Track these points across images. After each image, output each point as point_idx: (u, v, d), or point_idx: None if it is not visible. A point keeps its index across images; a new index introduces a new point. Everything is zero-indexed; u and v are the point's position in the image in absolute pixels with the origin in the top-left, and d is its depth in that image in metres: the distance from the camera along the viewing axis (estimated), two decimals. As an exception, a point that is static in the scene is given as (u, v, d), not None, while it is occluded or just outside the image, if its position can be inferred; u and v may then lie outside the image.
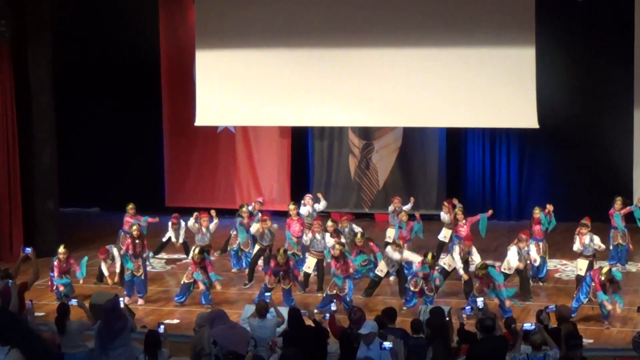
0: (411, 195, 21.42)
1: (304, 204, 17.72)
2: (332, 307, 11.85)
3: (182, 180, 22.84)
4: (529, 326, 10.14)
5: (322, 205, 18.10)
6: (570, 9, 19.86)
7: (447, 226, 17.10)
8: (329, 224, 16.35)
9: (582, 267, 15.21)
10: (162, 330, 10.56)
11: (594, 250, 15.39)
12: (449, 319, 11.89)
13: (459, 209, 16.77)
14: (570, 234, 16.17)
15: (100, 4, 21.79)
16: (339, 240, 15.63)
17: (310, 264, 15.99)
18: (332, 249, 15.04)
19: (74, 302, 11.70)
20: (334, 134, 22.22)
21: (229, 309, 12.98)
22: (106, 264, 16.55)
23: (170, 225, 17.86)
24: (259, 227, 16.48)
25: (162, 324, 10.95)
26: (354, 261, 15.22)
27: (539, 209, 16.50)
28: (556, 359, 9.88)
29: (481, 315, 11.64)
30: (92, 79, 22.80)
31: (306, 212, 17.37)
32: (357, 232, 16.20)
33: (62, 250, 15.49)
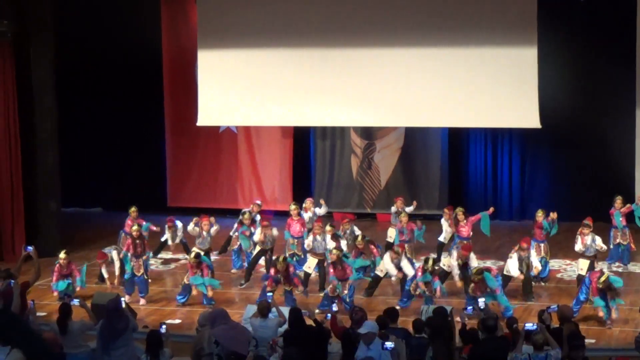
0: (413, 195, 21.47)
1: (305, 209, 17.61)
2: (334, 308, 11.84)
3: (184, 180, 22.83)
4: (530, 326, 10.12)
5: (322, 210, 18.03)
6: (572, 9, 19.86)
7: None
8: (327, 228, 16.37)
9: (583, 267, 15.21)
10: (163, 330, 10.56)
11: (595, 250, 15.38)
12: (450, 319, 11.89)
13: (459, 209, 16.79)
14: (572, 233, 16.16)
15: (102, 3, 21.79)
16: (338, 245, 15.66)
17: (311, 264, 15.98)
18: (330, 254, 15.07)
19: (75, 302, 11.68)
20: (336, 134, 22.21)
21: (230, 308, 12.96)
22: (105, 268, 16.58)
23: (166, 228, 17.85)
24: (261, 236, 16.41)
25: (164, 324, 10.95)
26: (354, 264, 15.32)
27: (542, 212, 16.37)
28: (558, 359, 9.87)
29: (483, 315, 11.64)
30: (94, 78, 22.79)
31: (307, 218, 17.32)
32: (357, 234, 16.47)
33: (63, 256, 15.37)
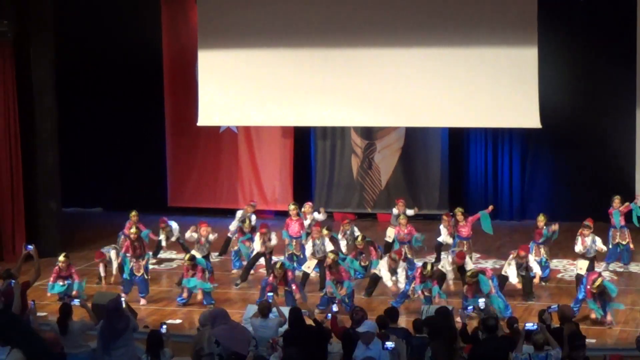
0: (413, 194, 21.53)
1: (304, 214, 17.51)
2: (334, 308, 11.83)
3: (184, 180, 22.82)
4: (531, 326, 10.13)
5: (322, 217, 17.85)
6: (572, 9, 19.85)
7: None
8: (324, 232, 16.37)
9: (582, 266, 15.20)
10: (164, 330, 10.57)
11: (595, 251, 15.38)
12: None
13: (458, 209, 16.81)
14: (572, 233, 16.15)
15: (102, 4, 21.78)
16: (335, 247, 15.63)
17: (310, 264, 15.97)
18: (327, 257, 15.07)
19: (76, 302, 11.69)
20: (337, 134, 22.19)
21: (230, 308, 12.97)
22: (103, 267, 16.56)
23: (160, 229, 17.85)
24: (262, 247, 16.32)
25: (165, 324, 10.97)
26: (351, 263, 15.47)
27: (543, 217, 16.18)
28: (558, 358, 9.87)
29: (483, 315, 11.63)
30: (94, 78, 22.78)
31: (306, 224, 17.28)
32: (357, 235, 16.58)
33: (62, 259, 15.31)
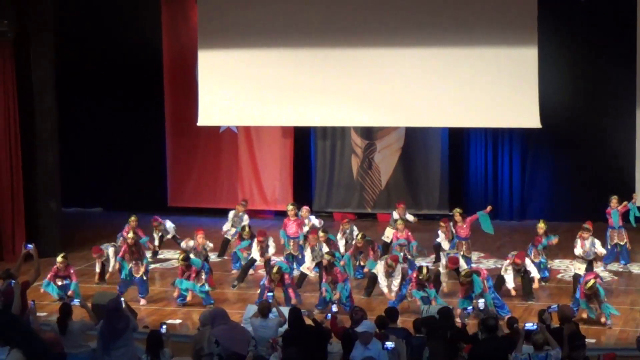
0: (414, 194, 21.58)
1: (301, 217, 17.49)
2: (334, 308, 11.82)
3: (184, 180, 22.81)
4: (530, 326, 10.12)
5: (318, 223, 17.73)
6: (572, 9, 19.84)
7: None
8: (321, 234, 16.40)
9: (581, 266, 15.20)
10: (164, 330, 10.57)
11: (594, 254, 15.38)
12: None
13: (456, 210, 16.83)
14: (572, 234, 16.14)
15: (102, 3, 21.78)
16: (331, 248, 15.63)
17: (310, 265, 15.94)
18: (322, 259, 15.07)
19: (76, 302, 11.69)
20: (337, 134, 22.19)
21: (229, 308, 12.98)
22: (99, 263, 16.58)
23: (153, 229, 17.87)
24: (260, 255, 16.23)
25: (165, 324, 10.96)
26: (348, 260, 15.65)
27: (543, 224, 16.07)
28: (558, 359, 9.87)
29: (482, 315, 11.63)
30: (94, 78, 22.78)
31: (305, 230, 17.26)
32: (357, 233, 16.67)
33: (60, 259, 15.35)
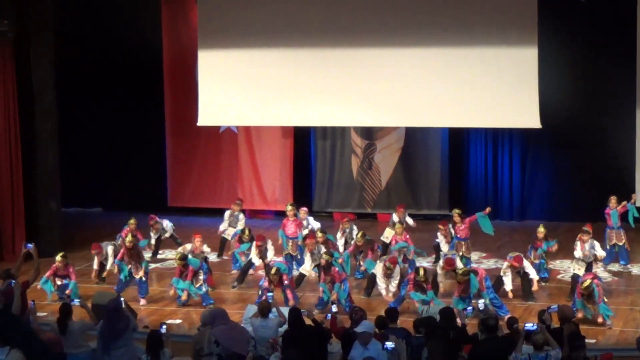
0: (414, 195, 21.61)
1: (301, 219, 17.50)
2: (333, 309, 11.82)
3: (184, 180, 22.81)
4: (530, 326, 10.12)
5: (315, 226, 17.69)
6: (572, 9, 19.82)
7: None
8: (319, 234, 16.44)
9: (580, 267, 15.20)
10: (164, 330, 10.57)
11: (594, 256, 15.37)
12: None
13: (455, 211, 16.84)
14: (572, 234, 16.14)
15: (102, 3, 21.77)
16: (328, 249, 15.65)
17: (308, 266, 15.95)
18: (321, 258, 15.08)
19: (76, 302, 11.69)
20: (337, 134, 22.19)
21: (229, 309, 12.99)
22: (98, 260, 16.58)
23: (150, 228, 17.91)
24: (260, 263, 16.12)
25: (164, 324, 10.97)
26: (347, 258, 15.80)
27: (543, 229, 16.01)
28: (558, 359, 9.87)
29: (482, 315, 11.63)
30: (94, 78, 22.78)
31: (304, 232, 17.28)
32: (357, 232, 16.73)
33: (59, 259, 15.39)
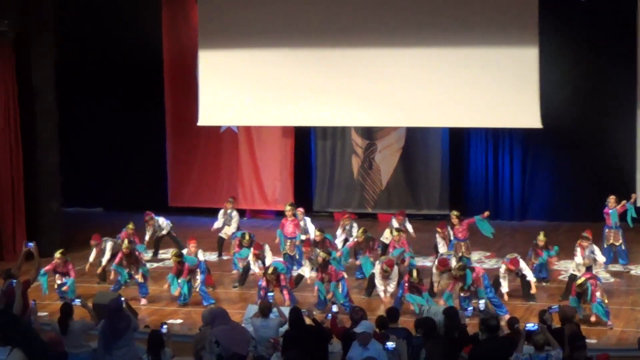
0: (414, 195, 21.63)
1: (299, 216, 17.53)
2: (334, 309, 11.82)
3: (184, 180, 22.81)
4: (531, 326, 10.12)
5: (312, 229, 17.64)
6: (573, 9, 19.82)
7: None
8: (317, 233, 16.47)
9: (581, 268, 15.19)
10: (165, 330, 10.59)
11: (594, 260, 15.35)
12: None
13: (453, 213, 16.85)
14: (573, 234, 16.13)
15: (102, 3, 21.78)
16: (326, 248, 15.67)
17: (307, 273, 15.92)
18: (318, 257, 15.08)
19: (77, 302, 11.71)
20: (337, 134, 22.20)
21: (230, 308, 12.98)
22: (96, 252, 16.60)
23: (145, 224, 17.98)
24: (259, 272, 15.83)
25: (165, 324, 10.98)
26: (345, 253, 16.01)
27: (544, 237, 15.92)
28: (559, 359, 9.87)
29: (483, 315, 11.62)
30: (94, 78, 22.78)
31: (303, 237, 17.31)
32: (359, 228, 16.85)
33: (58, 255, 15.45)
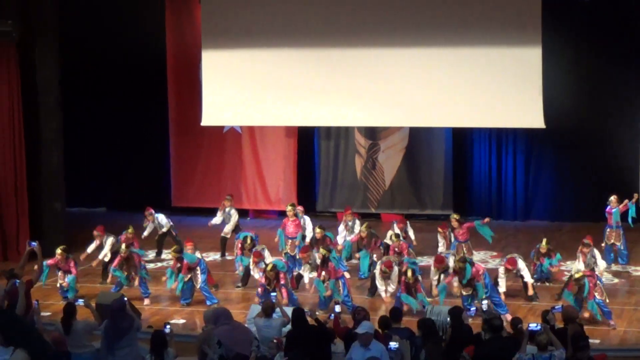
0: (418, 195, 21.62)
1: (301, 214, 17.57)
2: (337, 309, 11.83)
3: (188, 180, 22.81)
4: (534, 326, 10.12)
5: (309, 229, 17.70)
6: (576, 9, 19.82)
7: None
8: (317, 230, 16.51)
9: (580, 267, 15.21)
10: (168, 330, 10.60)
11: (595, 264, 15.36)
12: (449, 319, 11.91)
13: (453, 216, 16.86)
14: (576, 234, 16.14)
15: (106, 4, 21.80)
16: (326, 245, 15.67)
17: (307, 278, 15.91)
18: (318, 253, 15.09)
19: (80, 302, 11.71)
20: (340, 134, 22.19)
21: (233, 308, 13.00)
22: (97, 243, 16.65)
23: (145, 219, 18.04)
24: (259, 277, 15.52)
25: (168, 323, 10.99)
26: (348, 246, 16.21)
27: (546, 245, 15.87)
28: (562, 359, 9.87)
29: (485, 316, 11.62)
30: (98, 79, 22.79)
31: (304, 231, 17.29)
32: (362, 224, 17.04)
33: (59, 251, 15.52)
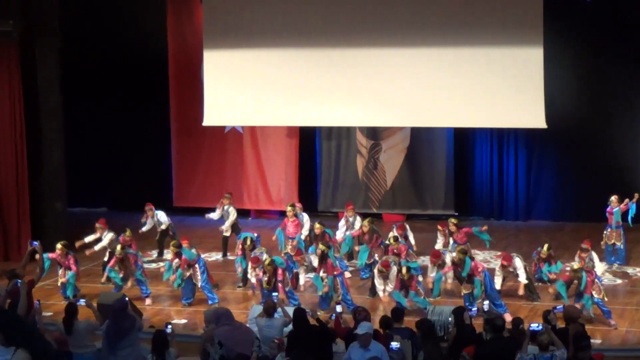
0: (419, 195, 21.61)
1: (300, 211, 17.59)
2: (338, 309, 11.83)
3: (189, 180, 22.82)
4: (536, 326, 10.11)
5: (306, 227, 17.61)
6: (578, 9, 19.82)
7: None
8: (317, 226, 16.50)
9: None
10: (169, 330, 10.60)
11: (593, 267, 15.37)
12: (451, 319, 11.91)
13: (451, 220, 16.86)
14: (577, 234, 16.14)
15: (107, 3, 21.81)
16: (325, 242, 15.67)
17: (302, 280, 15.88)
18: (317, 249, 15.08)
19: (82, 302, 11.73)
20: (342, 134, 22.19)
21: (234, 308, 13.01)
22: (97, 235, 16.71)
23: (146, 217, 18.06)
24: (257, 282, 15.38)
25: (170, 324, 11.00)
26: (349, 239, 16.18)
27: (547, 250, 15.70)
28: (563, 359, 9.87)
29: (487, 316, 11.62)
30: (99, 78, 22.79)
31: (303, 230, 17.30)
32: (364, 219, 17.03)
33: (59, 246, 15.54)
